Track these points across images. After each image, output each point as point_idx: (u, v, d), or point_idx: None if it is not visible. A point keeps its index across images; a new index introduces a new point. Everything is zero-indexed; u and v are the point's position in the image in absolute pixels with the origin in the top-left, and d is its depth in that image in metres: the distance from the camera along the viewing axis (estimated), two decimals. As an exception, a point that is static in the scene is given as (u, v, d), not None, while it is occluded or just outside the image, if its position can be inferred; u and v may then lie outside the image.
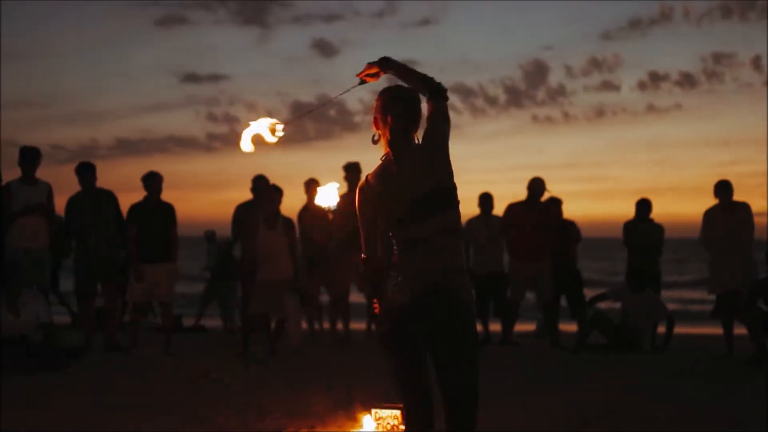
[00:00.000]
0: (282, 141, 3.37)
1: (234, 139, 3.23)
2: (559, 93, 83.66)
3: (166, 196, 8.35)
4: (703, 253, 9.04)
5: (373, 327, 9.46)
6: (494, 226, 9.48)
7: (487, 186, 9.21)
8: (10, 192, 7.88)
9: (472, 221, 9.64)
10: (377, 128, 3.23)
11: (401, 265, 3.09)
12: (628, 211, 9.66)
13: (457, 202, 3.14)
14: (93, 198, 8.18)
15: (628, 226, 9.64)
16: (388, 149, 3.19)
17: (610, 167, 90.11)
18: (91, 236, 8.10)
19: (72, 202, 8.19)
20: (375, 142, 3.23)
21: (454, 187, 3.14)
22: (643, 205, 9.60)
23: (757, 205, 9.34)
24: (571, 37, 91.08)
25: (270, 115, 3.38)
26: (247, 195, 8.88)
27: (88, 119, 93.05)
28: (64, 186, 8.70)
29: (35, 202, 7.92)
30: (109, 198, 8.29)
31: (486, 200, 9.68)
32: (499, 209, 9.59)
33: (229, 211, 8.94)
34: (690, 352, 8.73)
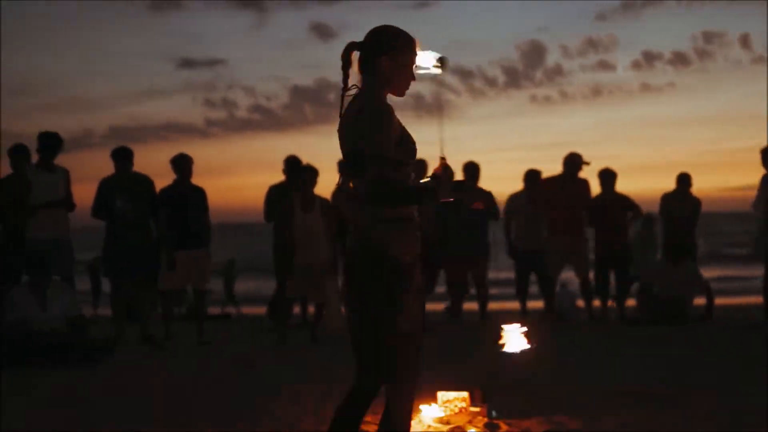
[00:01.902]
0: (280, 126, 3.06)
1: (233, 125, 2.97)
2: (556, 73, 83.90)
3: (164, 184, 7.96)
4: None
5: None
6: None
7: (487, 167, 9.07)
8: (27, 179, 7.56)
9: (515, 196, 9.51)
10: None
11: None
12: (625, 187, 9.71)
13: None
14: (126, 183, 7.84)
15: (667, 198, 9.62)
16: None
17: (607, 145, 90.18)
18: (121, 222, 7.76)
19: (104, 186, 7.85)
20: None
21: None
22: (684, 179, 9.62)
23: (747, 179, 10.10)
24: (567, 18, 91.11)
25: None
26: (243, 181, 8.57)
27: (82, 107, 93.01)
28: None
29: (54, 189, 7.62)
30: (144, 183, 7.94)
31: (531, 176, 9.49)
32: (503, 191, 9.50)
33: (229, 197, 8.67)
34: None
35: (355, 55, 2.97)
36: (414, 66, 2.99)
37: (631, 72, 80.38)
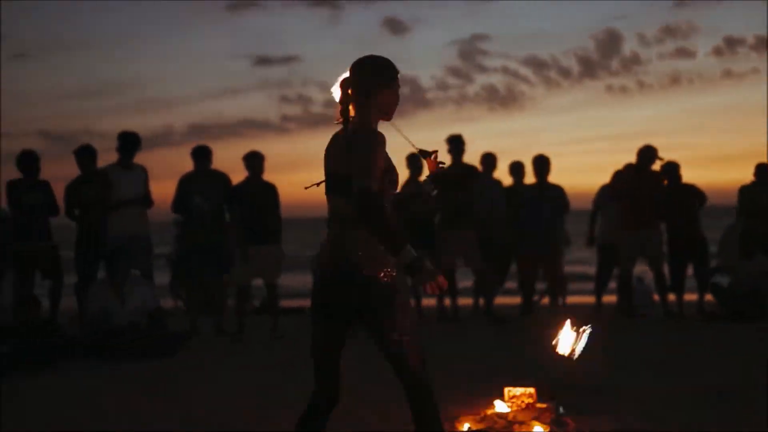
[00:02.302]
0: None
1: (308, 120, 3.12)
2: (633, 62, 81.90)
3: (240, 179, 8.12)
4: None
5: (481, 301, 9.17)
6: None
7: (560, 159, 8.91)
8: (108, 178, 7.81)
9: (604, 188, 9.39)
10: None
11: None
12: (706, 178, 9.44)
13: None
14: (204, 180, 8.04)
15: (746, 189, 9.34)
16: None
17: (687, 135, 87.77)
18: (198, 218, 7.98)
19: (183, 182, 8.08)
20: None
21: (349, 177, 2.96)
22: (763, 169, 9.30)
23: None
24: (644, 5, 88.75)
25: None
26: (318, 176, 8.63)
27: (161, 106, 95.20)
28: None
29: (133, 187, 7.88)
30: (220, 179, 8.15)
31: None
32: (577, 183, 9.33)
33: (305, 192, 8.71)
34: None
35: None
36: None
37: (712, 58, 77.96)
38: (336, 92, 3.12)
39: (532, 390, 4.77)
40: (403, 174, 8.89)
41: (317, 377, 3.17)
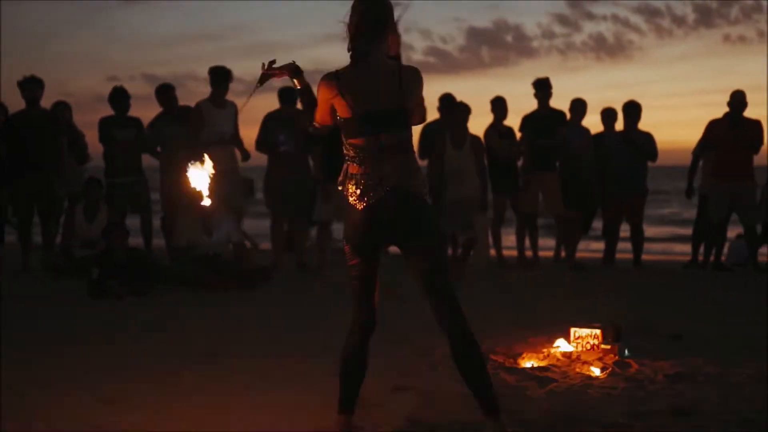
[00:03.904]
0: (456, 69, 3.22)
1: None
2: (754, 10, 77.68)
3: None
4: None
5: (563, 252, 9.09)
6: None
7: (671, 112, 8.49)
8: (201, 115, 8.02)
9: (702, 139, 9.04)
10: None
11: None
12: None
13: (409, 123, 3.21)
14: (288, 118, 8.18)
15: None
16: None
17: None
18: (282, 156, 8.14)
19: (267, 120, 8.25)
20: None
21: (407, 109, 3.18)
22: None
23: None
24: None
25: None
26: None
27: (266, 50, 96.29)
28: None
29: (224, 124, 8.02)
30: (303, 119, 8.27)
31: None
32: (691, 136, 9.01)
33: None
34: None
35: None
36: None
37: None
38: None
39: (597, 332, 4.75)
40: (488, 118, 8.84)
41: (360, 307, 3.26)
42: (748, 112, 8.73)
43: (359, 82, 3.14)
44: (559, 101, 9.04)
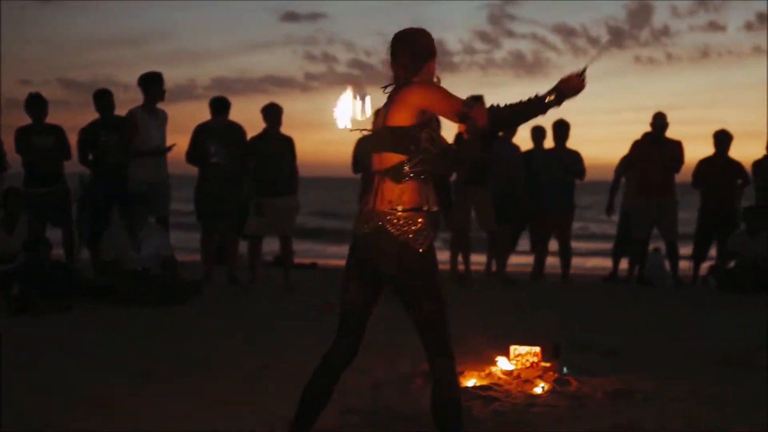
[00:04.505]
0: (380, 81, 3.19)
1: (332, 79, 3.10)
2: (663, 33, 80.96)
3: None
4: None
5: (494, 263, 9.17)
6: None
7: (586, 129, 8.83)
8: (136, 122, 7.79)
9: (624, 159, 9.32)
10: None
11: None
12: (735, 153, 9.26)
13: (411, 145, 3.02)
14: (220, 130, 8.04)
15: (760, 165, 9.15)
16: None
17: (716, 109, 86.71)
18: (213, 168, 7.99)
19: (199, 132, 8.08)
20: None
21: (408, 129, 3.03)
22: None
23: None
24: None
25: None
26: (342, 135, 8.58)
27: (186, 58, 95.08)
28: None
29: (158, 132, 7.85)
30: (237, 132, 8.14)
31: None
32: (602, 152, 9.28)
33: (325, 151, 8.74)
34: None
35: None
36: None
37: (743, 33, 76.93)
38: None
39: (537, 349, 4.79)
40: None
41: (340, 332, 3.16)
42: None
43: (387, 100, 3.15)
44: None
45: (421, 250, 3.00)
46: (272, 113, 8.00)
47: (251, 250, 8.26)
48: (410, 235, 3.01)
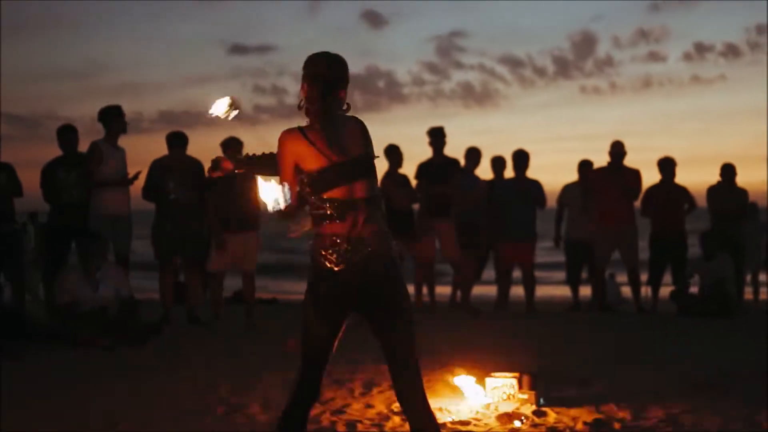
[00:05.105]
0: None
1: (282, 111, 3.08)
2: (606, 64, 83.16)
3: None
4: None
5: (458, 293, 9.12)
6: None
7: (535, 157, 8.95)
8: (101, 152, 7.63)
9: (568, 187, 9.48)
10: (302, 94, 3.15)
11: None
12: (678, 179, 9.37)
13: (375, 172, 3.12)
14: (178, 165, 7.89)
15: (714, 191, 9.42)
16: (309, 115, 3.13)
17: (657, 137, 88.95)
18: (171, 204, 7.82)
19: (156, 168, 7.91)
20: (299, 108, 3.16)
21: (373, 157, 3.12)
22: (729, 170, 9.44)
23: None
24: (620, 8, 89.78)
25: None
26: None
27: (131, 91, 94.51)
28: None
29: (121, 166, 7.73)
30: (195, 167, 7.98)
31: (584, 167, 9.46)
32: (550, 181, 9.38)
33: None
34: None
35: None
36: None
37: (683, 63, 79.30)
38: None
39: (513, 381, 4.72)
40: (383, 166, 8.80)
41: (307, 371, 3.09)
42: (602, 158, 9.19)
43: (326, 132, 3.04)
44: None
45: (399, 269, 3.07)
46: (232, 147, 7.87)
47: (213, 288, 8.07)
48: (391, 251, 3.07)
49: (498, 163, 9.23)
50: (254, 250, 7.99)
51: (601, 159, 9.30)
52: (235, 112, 3.26)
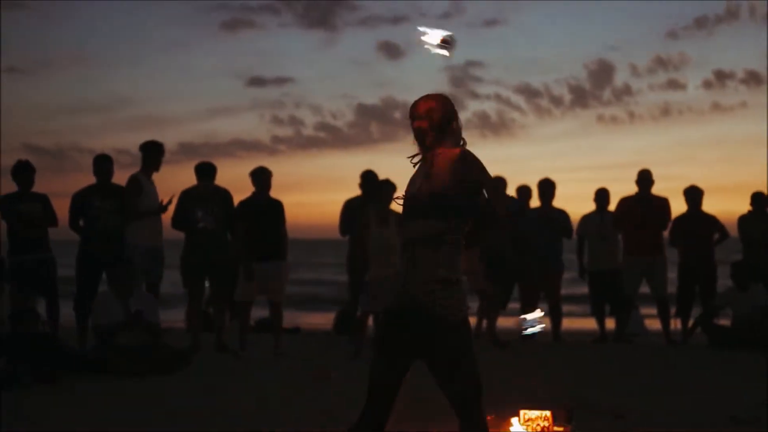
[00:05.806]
0: (346, 144, 3.20)
1: (299, 142, 3.14)
2: (624, 92, 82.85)
3: (235, 198, 8.11)
4: None
5: (484, 323, 9.09)
6: (608, 222, 9.21)
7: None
8: (140, 184, 7.76)
9: (587, 217, 9.40)
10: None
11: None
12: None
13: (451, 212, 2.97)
14: (207, 195, 7.95)
15: (745, 220, 9.28)
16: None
17: (677, 166, 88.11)
18: (199, 233, 7.87)
19: (185, 197, 7.97)
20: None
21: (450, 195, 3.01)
22: (759, 198, 9.25)
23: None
24: (637, 36, 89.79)
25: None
26: (308, 197, 8.65)
27: (151, 123, 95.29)
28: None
29: (156, 197, 7.84)
30: (224, 196, 8.06)
31: (601, 196, 9.34)
32: (569, 211, 9.28)
33: (294, 213, 8.71)
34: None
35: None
36: None
37: (702, 91, 78.86)
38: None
39: (548, 413, 4.68)
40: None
41: (365, 410, 3.07)
42: (620, 188, 9.23)
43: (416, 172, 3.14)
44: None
45: (455, 323, 2.91)
46: (262, 177, 7.95)
47: (241, 317, 8.10)
48: (446, 308, 2.92)
49: (524, 192, 9.21)
50: (283, 280, 8.02)
51: (619, 189, 9.30)
52: (443, 51, 3.22)
